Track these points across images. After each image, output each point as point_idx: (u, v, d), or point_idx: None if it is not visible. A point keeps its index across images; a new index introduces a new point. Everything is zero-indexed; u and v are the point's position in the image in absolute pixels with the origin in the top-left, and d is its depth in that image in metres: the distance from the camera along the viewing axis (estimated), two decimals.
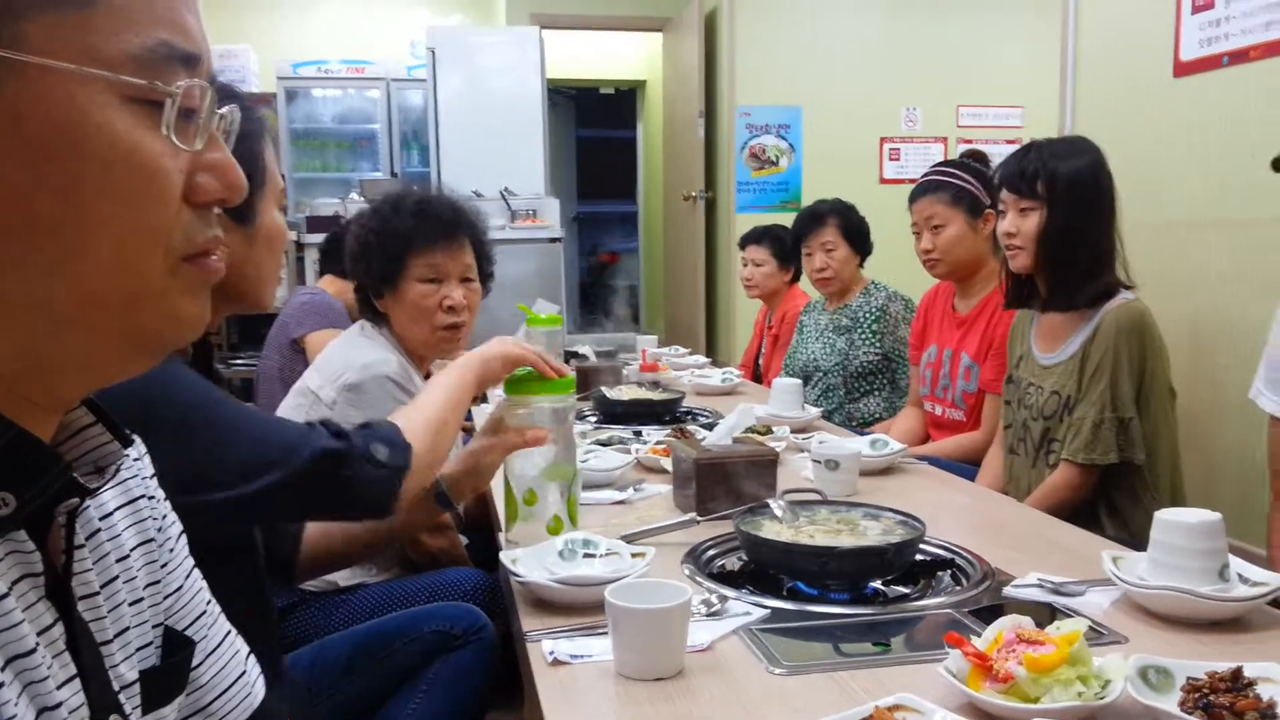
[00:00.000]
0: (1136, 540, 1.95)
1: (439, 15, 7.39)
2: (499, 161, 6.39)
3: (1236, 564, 1.23)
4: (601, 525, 1.60)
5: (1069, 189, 2.08)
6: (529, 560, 1.33)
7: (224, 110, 0.59)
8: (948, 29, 6.47)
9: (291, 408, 1.92)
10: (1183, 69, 2.70)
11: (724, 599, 1.24)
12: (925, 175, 2.81)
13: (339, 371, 1.87)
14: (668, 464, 1.91)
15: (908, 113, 6.53)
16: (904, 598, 1.32)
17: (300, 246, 6.03)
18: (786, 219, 4.20)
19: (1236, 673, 0.93)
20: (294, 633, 1.66)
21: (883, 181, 6.44)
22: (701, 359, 3.79)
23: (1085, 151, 2.13)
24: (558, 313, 3.12)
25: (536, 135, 6.58)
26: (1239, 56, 2.51)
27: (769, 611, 1.22)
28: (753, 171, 6.42)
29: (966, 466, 2.39)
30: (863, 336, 3.22)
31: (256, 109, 1.40)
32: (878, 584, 1.35)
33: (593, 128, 10.78)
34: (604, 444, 2.16)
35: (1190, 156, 2.68)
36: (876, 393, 3.20)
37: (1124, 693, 0.93)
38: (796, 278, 3.86)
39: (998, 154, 5.96)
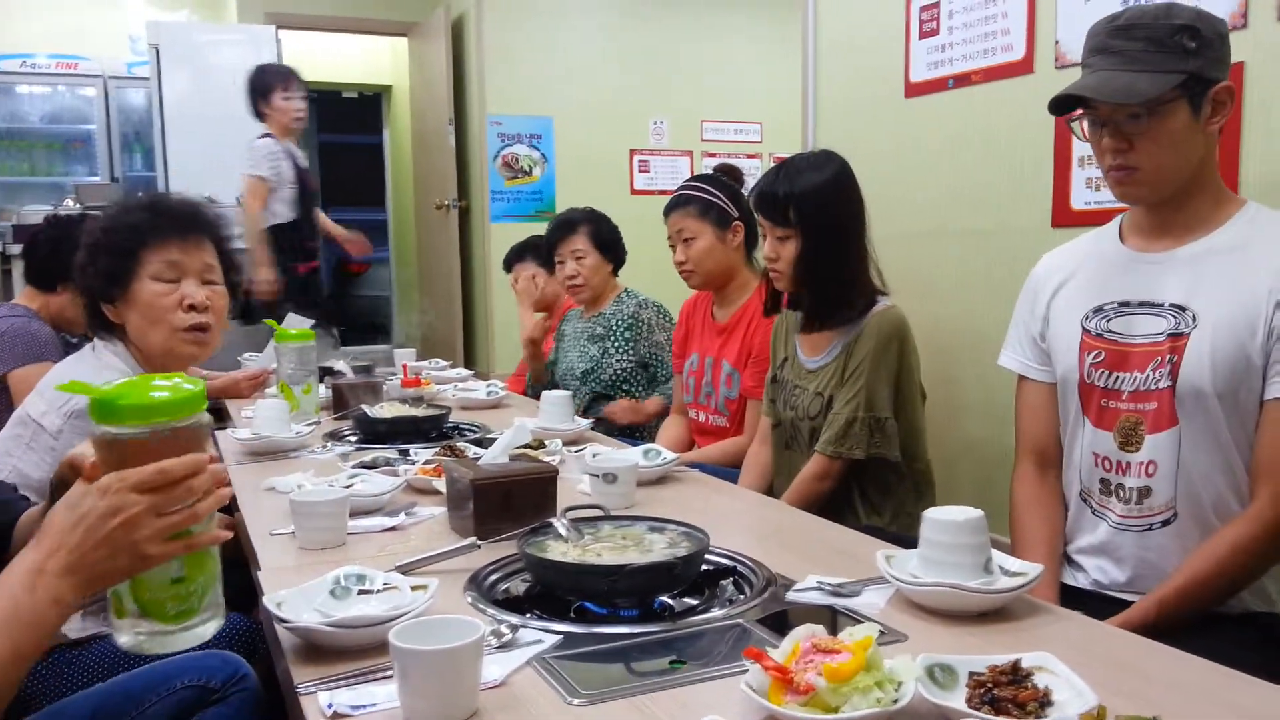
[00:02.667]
0: (889, 528, 2.07)
1: (162, 10, 6.85)
2: (235, 166, 5.99)
3: (996, 556, 1.31)
4: (374, 556, 1.50)
5: (818, 211, 2.15)
6: (296, 601, 1.22)
7: None
8: (691, 46, 6.69)
9: (10, 439, 1.71)
10: (913, 90, 2.90)
11: (514, 628, 1.18)
12: (677, 190, 2.88)
13: (67, 396, 1.66)
14: (439, 484, 1.83)
15: (655, 125, 6.70)
16: (691, 610, 1.31)
17: (6, 259, 5.43)
18: (542, 229, 4.20)
19: (1015, 665, 0.97)
20: (18, 698, 1.44)
21: (634, 192, 6.57)
22: (464, 372, 3.70)
23: (829, 164, 2.20)
24: (309, 327, 2.95)
25: None
26: (962, 80, 2.72)
27: (561, 637, 1.18)
28: (506, 181, 6.38)
29: (731, 471, 2.45)
30: (616, 344, 3.25)
31: None
32: (665, 598, 1.34)
33: (336, 133, 10.36)
34: (369, 466, 2.04)
35: (922, 172, 2.88)
36: (631, 399, 3.24)
37: (915, 694, 0.95)
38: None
39: (747, 169, 6.24)
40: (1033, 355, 1.78)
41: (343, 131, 10.22)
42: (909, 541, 1.37)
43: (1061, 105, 1.58)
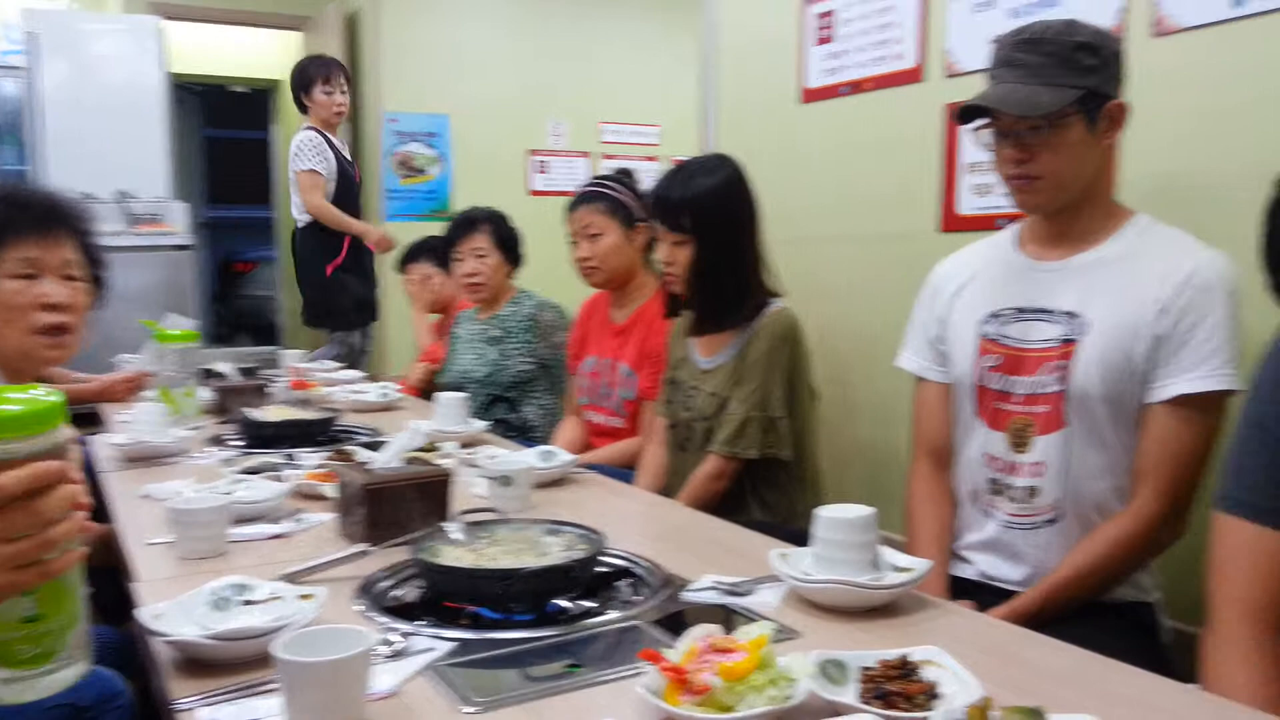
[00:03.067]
0: (783, 525, 2.10)
1: None
2: (114, 161, 5.80)
3: (885, 552, 1.33)
4: (258, 565, 1.45)
5: (711, 215, 2.17)
6: (175, 614, 1.16)
7: None
8: (590, 47, 6.69)
9: None
10: (809, 96, 2.94)
11: (406, 636, 1.16)
12: (584, 186, 2.87)
13: None
14: (327, 490, 1.78)
15: (554, 126, 6.66)
16: (588, 613, 1.30)
17: None
18: (436, 229, 4.14)
19: (904, 660, 0.99)
20: None
21: (532, 193, 6.53)
22: (356, 374, 3.61)
23: (721, 168, 2.23)
24: (193, 328, 2.84)
25: (158, 134, 6.04)
26: (856, 86, 2.77)
27: (455, 644, 1.15)
28: (401, 179, 6.26)
29: (627, 472, 2.45)
30: (515, 346, 3.20)
31: None
32: (561, 601, 1.33)
33: (223, 127, 10.07)
34: (253, 472, 1.98)
35: (817, 176, 2.92)
36: (532, 401, 3.21)
37: (809, 691, 0.96)
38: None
39: (643, 171, 6.25)
40: (930, 357, 1.82)
41: (229, 127, 9.94)
42: (803, 537, 1.38)
43: (966, 115, 1.63)
